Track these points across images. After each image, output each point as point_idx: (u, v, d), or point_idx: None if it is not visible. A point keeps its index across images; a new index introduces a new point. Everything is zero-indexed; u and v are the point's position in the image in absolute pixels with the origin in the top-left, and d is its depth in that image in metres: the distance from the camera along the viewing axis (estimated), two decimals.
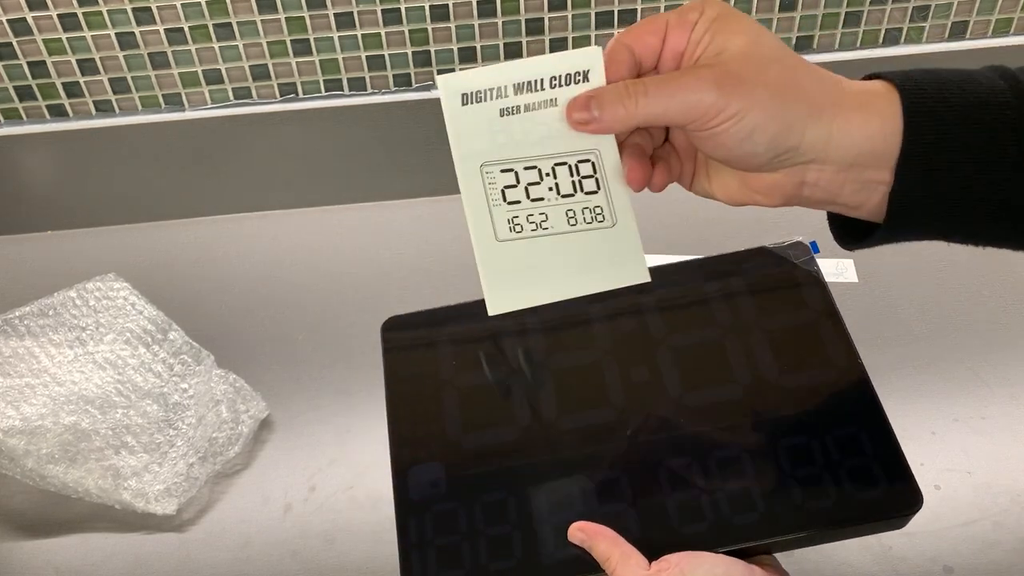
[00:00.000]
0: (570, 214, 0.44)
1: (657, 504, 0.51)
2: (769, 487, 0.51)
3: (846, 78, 0.44)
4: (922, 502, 0.50)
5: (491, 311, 0.45)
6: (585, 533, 0.50)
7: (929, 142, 0.41)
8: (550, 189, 0.44)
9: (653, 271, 0.46)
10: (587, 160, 0.44)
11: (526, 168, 0.43)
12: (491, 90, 0.42)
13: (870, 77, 0.45)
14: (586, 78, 0.42)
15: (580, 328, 0.59)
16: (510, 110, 0.42)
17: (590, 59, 0.41)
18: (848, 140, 0.41)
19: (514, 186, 0.44)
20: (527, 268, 0.44)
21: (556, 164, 0.44)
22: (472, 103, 0.42)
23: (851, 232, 0.46)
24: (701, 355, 0.57)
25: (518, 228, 0.44)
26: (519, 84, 0.42)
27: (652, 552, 0.49)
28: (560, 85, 0.42)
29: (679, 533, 0.50)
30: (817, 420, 0.53)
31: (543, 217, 0.44)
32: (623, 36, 0.42)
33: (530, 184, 0.44)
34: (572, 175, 0.44)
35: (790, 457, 0.52)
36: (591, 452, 0.54)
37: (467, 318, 0.61)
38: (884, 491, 0.50)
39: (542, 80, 0.41)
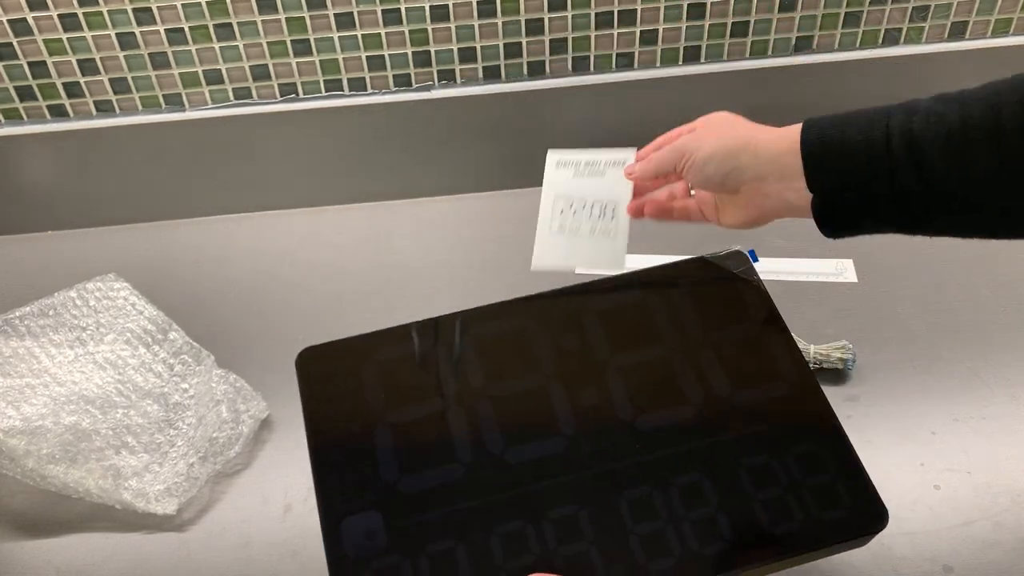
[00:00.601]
0: (592, 229, 0.71)
1: (620, 540, 0.49)
2: (733, 513, 0.49)
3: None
4: (887, 519, 0.49)
5: (534, 266, 0.71)
6: None
7: (819, 156, 0.56)
8: (587, 215, 0.71)
9: (589, 283, 0.59)
10: (610, 205, 0.71)
11: (578, 201, 0.72)
12: (574, 162, 0.73)
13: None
14: (624, 163, 0.71)
15: (520, 348, 0.56)
16: (580, 173, 0.72)
17: (628, 154, 0.71)
18: (767, 156, 0.59)
19: (568, 208, 0.72)
20: (561, 249, 0.71)
21: (594, 202, 0.71)
22: (561, 167, 0.73)
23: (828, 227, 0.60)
24: (649, 375, 0.55)
25: (563, 229, 0.72)
26: (588, 161, 0.73)
27: None
28: (609, 166, 0.72)
29: (646, 571, 0.48)
30: (774, 438, 0.52)
31: (578, 227, 0.71)
32: (658, 141, 0.69)
33: (577, 209, 0.71)
34: (600, 210, 0.71)
35: (751, 479, 0.50)
36: (543, 487, 0.51)
37: (388, 344, 0.56)
38: (850, 511, 0.49)
39: (601, 162, 0.72)
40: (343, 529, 0.50)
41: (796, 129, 0.58)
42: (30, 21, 0.84)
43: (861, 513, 0.49)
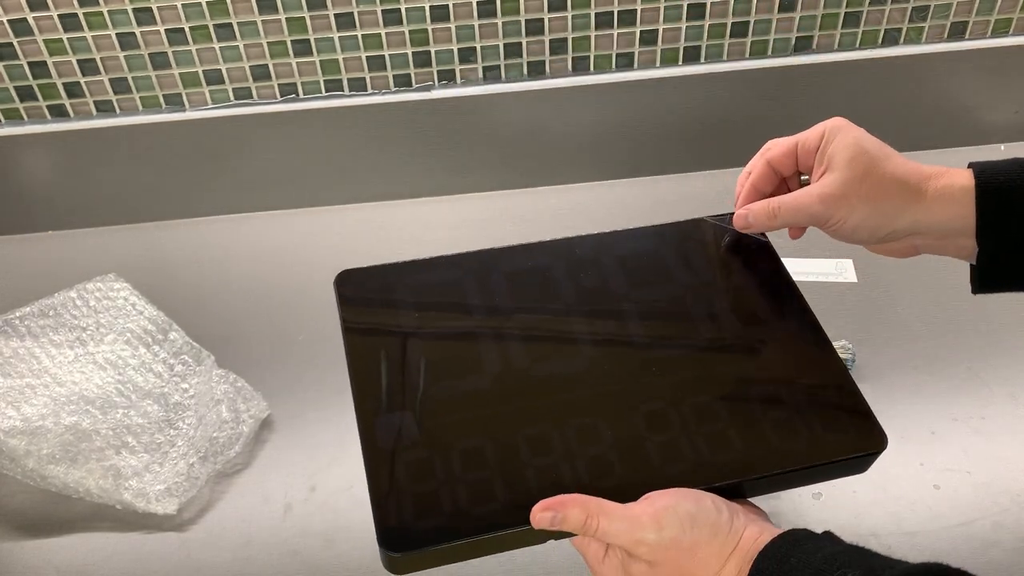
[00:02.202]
0: None
1: (636, 446, 0.52)
2: (742, 429, 0.53)
3: (926, 167, 0.57)
4: (886, 442, 0.52)
5: None
6: (551, 510, 0.49)
7: (999, 217, 0.54)
8: None
9: (612, 234, 0.63)
10: None
11: None
12: None
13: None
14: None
15: (545, 282, 0.61)
16: None
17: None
18: (931, 222, 0.56)
19: None
20: None
21: None
22: None
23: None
24: (664, 310, 0.60)
25: None
26: None
27: (634, 492, 0.49)
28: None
29: (661, 473, 0.51)
30: (780, 368, 0.56)
31: None
32: (768, 156, 0.61)
33: None
34: None
35: (759, 402, 0.54)
36: (565, 399, 0.54)
37: (422, 271, 0.61)
38: (851, 433, 0.53)
39: None
40: (377, 425, 0.54)
41: (961, 187, 0.55)
42: (30, 21, 0.84)
43: (862, 435, 0.53)
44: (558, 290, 0.60)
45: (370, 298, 0.60)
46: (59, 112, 0.90)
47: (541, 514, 0.49)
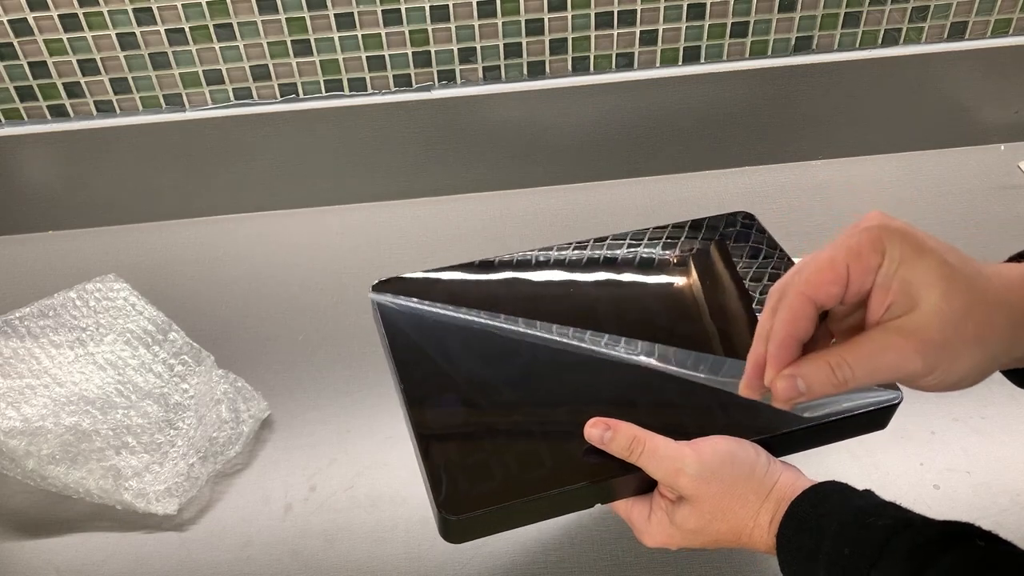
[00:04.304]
0: None
1: (672, 414, 0.56)
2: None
3: (1009, 272, 0.43)
4: (902, 396, 0.57)
5: None
6: (604, 423, 0.52)
7: None
8: None
9: (622, 233, 0.69)
10: None
11: None
12: None
13: None
14: None
15: (570, 283, 0.66)
16: None
17: None
18: None
19: None
20: None
21: None
22: None
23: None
24: (683, 301, 0.64)
25: None
26: None
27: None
28: None
29: (697, 435, 0.54)
30: None
31: None
32: (805, 288, 0.42)
33: None
34: None
35: None
36: (604, 378, 0.58)
37: (453, 276, 0.66)
38: (868, 394, 0.57)
39: None
40: (426, 406, 0.58)
41: None
42: (30, 21, 0.84)
43: (879, 390, 0.57)
44: (583, 290, 0.65)
45: (408, 303, 0.65)
46: (59, 112, 0.90)
47: (592, 430, 0.53)
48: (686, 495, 0.52)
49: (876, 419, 0.58)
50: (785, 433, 0.55)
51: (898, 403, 0.58)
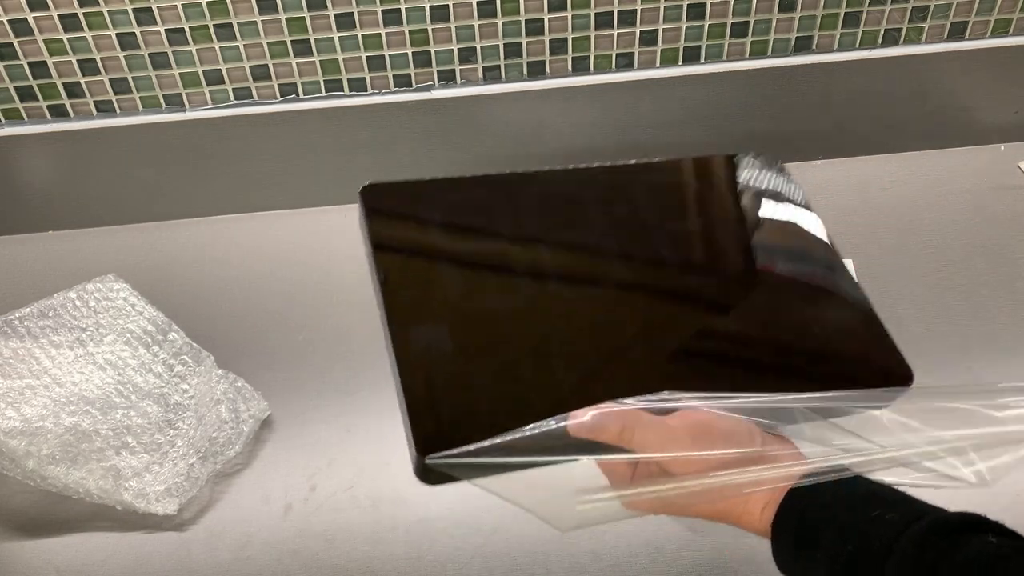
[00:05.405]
0: None
1: (671, 366, 0.53)
2: (774, 356, 0.54)
3: None
4: (913, 377, 0.54)
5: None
6: (589, 419, 0.47)
7: None
8: None
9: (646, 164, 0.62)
10: None
11: None
12: None
13: None
14: None
15: (572, 207, 0.60)
16: None
17: None
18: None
19: None
20: None
21: None
22: None
23: None
24: (693, 239, 0.60)
25: None
26: None
27: (667, 411, 0.49)
28: None
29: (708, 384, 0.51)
30: (810, 301, 0.57)
31: None
32: None
33: None
34: None
35: (792, 330, 0.55)
36: (597, 318, 0.54)
37: (452, 189, 0.61)
38: (879, 366, 0.54)
39: None
40: (411, 335, 0.53)
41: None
42: (30, 21, 0.84)
43: (889, 370, 0.54)
44: (588, 217, 0.60)
45: (398, 212, 0.59)
46: (59, 112, 0.90)
47: (578, 421, 0.48)
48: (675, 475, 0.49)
49: (883, 397, 0.54)
50: (796, 401, 0.51)
51: (908, 383, 0.54)
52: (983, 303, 0.83)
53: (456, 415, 0.49)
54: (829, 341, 0.55)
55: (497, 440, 0.47)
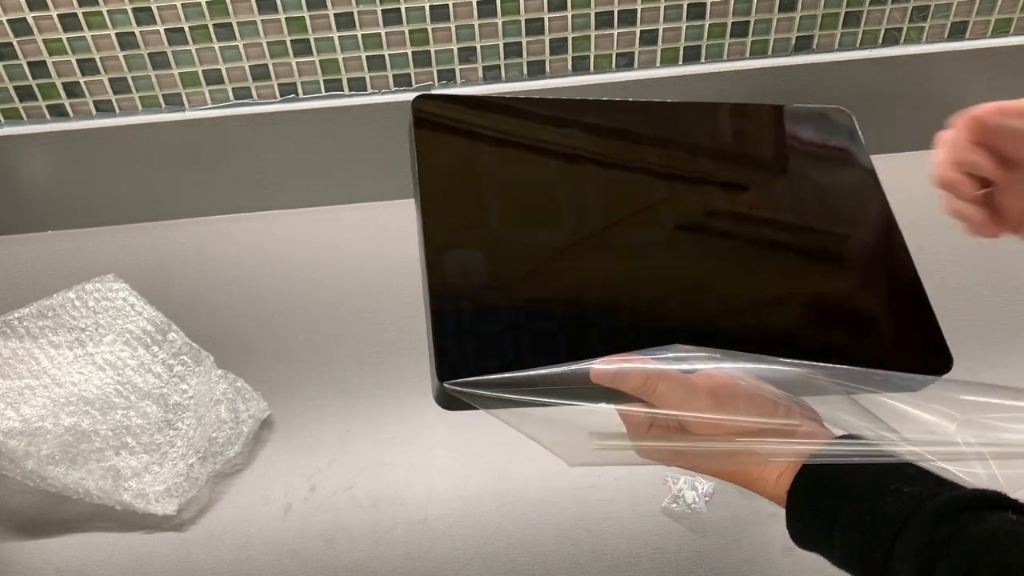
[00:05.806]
0: None
1: (706, 326, 0.51)
2: (815, 327, 0.52)
3: None
4: (952, 363, 0.53)
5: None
6: (613, 367, 0.47)
7: None
8: None
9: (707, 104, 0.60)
10: None
11: None
12: None
13: None
14: None
15: (627, 142, 0.58)
16: None
17: None
18: None
19: None
20: None
21: None
22: None
23: None
24: (747, 189, 0.57)
25: None
26: None
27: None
28: None
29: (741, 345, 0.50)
30: (857, 273, 0.55)
31: None
32: (975, 110, 0.49)
33: None
34: None
35: (834, 303, 0.53)
36: (642, 265, 0.53)
37: (503, 110, 0.58)
38: (920, 350, 0.53)
39: None
40: (446, 261, 0.52)
41: None
42: (30, 21, 0.84)
43: (928, 351, 0.53)
44: (640, 151, 0.57)
45: (448, 126, 0.56)
46: (59, 112, 0.90)
47: (602, 368, 0.47)
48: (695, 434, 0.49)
49: (917, 382, 0.53)
50: (827, 369, 0.50)
51: (947, 370, 0.53)
52: (983, 303, 0.82)
53: (481, 345, 0.49)
54: (875, 308, 0.53)
55: (518, 374, 0.47)
